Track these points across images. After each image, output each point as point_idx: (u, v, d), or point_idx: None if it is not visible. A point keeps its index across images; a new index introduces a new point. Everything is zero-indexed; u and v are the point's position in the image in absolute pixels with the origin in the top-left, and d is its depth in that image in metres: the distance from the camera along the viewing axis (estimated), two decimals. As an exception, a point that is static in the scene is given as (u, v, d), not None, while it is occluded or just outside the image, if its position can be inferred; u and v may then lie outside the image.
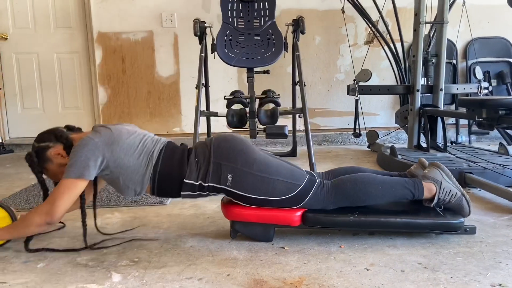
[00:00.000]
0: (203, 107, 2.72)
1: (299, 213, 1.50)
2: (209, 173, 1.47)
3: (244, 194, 1.47)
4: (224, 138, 1.54)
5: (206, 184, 1.48)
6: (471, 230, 1.56)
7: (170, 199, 2.12)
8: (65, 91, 3.91)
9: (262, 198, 1.47)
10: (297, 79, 2.88)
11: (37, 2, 3.78)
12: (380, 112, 3.96)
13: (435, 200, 1.53)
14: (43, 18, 3.81)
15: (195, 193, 1.51)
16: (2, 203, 1.59)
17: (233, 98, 2.60)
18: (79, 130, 1.61)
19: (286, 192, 1.47)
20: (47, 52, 3.84)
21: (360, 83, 3.15)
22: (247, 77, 2.66)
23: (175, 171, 1.48)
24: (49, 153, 1.51)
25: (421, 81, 2.97)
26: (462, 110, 2.56)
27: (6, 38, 3.80)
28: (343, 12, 3.58)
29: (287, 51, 2.89)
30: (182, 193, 1.50)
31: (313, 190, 1.49)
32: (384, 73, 3.87)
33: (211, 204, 2.01)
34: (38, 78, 3.88)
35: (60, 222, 1.73)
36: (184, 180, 1.48)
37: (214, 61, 2.93)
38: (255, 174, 1.46)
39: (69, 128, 1.59)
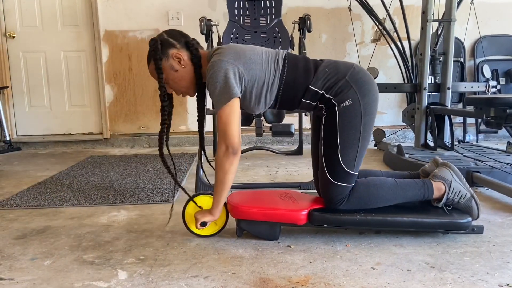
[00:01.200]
0: (209, 105, 2.72)
1: (305, 212, 1.50)
2: (336, 86, 1.46)
3: (337, 126, 1.46)
4: (366, 73, 1.52)
5: (327, 96, 1.47)
6: (479, 230, 1.55)
7: (176, 197, 2.12)
8: (72, 89, 3.93)
9: (335, 145, 1.46)
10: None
11: (44, 1, 3.81)
12: (386, 111, 3.94)
13: (444, 200, 1.52)
14: (50, 17, 3.83)
15: (314, 103, 1.50)
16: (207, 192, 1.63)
17: (239, 96, 2.60)
18: (201, 47, 1.58)
19: (347, 163, 1.47)
20: (54, 50, 3.86)
21: (367, 82, 3.12)
22: (253, 75, 2.65)
23: (300, 77, 1.48)
24: (172, 52, 1.49)
25: (429, 79, 2.94)
26: (470, 108, 2.54)
27: (13, 37, 3.82)
28: (350, 10, 3.56)
29: (293, 49, 2.88)
30: (303, 100, 1.50)
31: (352, 183, 1.49)
32: (391, 71, 3.85)
33: (217, 202, 2.01)
34: (45, 76, 3.90)
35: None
36: (309, 86, 1.48)
37: (220, 59, 2.92)
38: (359, 123, 1.46)
39: (197, 42, 1.57)
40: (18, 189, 2.40)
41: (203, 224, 1.54)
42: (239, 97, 1.44)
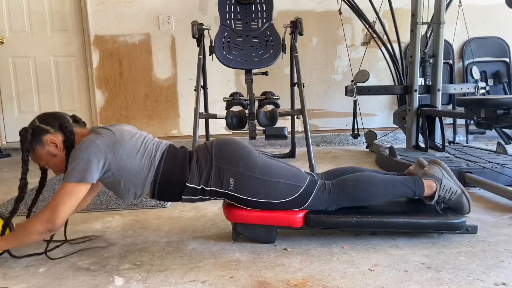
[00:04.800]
0: (201, 109, 2.71)
1: (301, 215, 1.50)
2: (211, 177, 1.46)
3: (246, 197, 1.46)
4: (225, 142, 1.54)
5: (208, 189, 1.47)
6: (473, 230, 1.56)
7: (170, 202, 2.11)
8: (62, 95, 3.89)
9: (264, 201, 1.47)
10: (295, 80, 2.88)
11: (33, 5, 3.77)
12: (378, 113, 3.97)
13: (436, 197, 1.53)
14: (39, 22, 3.79)
15: (196, 198, 1.50)
16: None
17: (232, 100, 2.60)
18: (84, 124, 1.55)
19: (288, 194, 1.47)
20: (44, 55, 3.83)
21: (358, 84, 3.15)
22: (246, 79, 2.65)
23: (177, 175, 1.47)
24: (46, 138, 1.44)
25: (419, 81, 2.98)
26: (461, 110, 2.57)
27: (2, 42, 3.78)
28: (340, 13, 3.59)
29: (285, 53, 2.89)
30: (183, 197, 1.49)
31: (315, 191, 1.49)
32: (381, 73, 3.88)
33: (212, 206, 2.01)
34: (35, 82, 3.86)
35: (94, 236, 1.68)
36: (187, 184, 1.46)
37: (212, 63, 2.93)
38: (257, 177, 1.46)
39: (75, 119, 1.53)
40: (9, 195, 2.37)
41: None
42: (90, 183, 1.38)
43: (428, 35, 3.23)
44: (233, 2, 2.99)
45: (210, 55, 2.84)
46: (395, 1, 3.44)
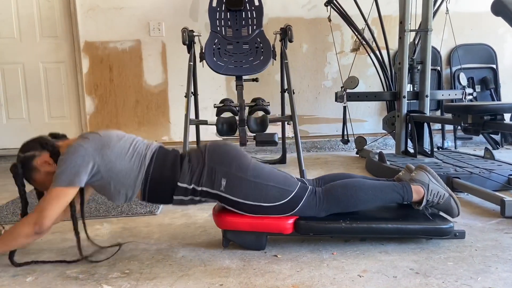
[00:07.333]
0: (192, 116, 2.71)
1: (291, 221, 1.51)
2: (203, 177, 1.46)
3: (237, 199, 1.46)
4: (219, 144, 1.55)
5: (199, 189, 1.46)
6: (461, 235, 1.58)
7: (160, 208, 2.10)
8: (51, 101, 3.86)
9: (255, 204, 1.46)
10: (285, 86, 2.90)
11: (22, 11, 3.75)
12: (367, 119, 4.00)
13: (424, 202, 1.55)
14: (28, 28, 3.77)
15: (187, 198, 1.49)
16: None
17: (223, 106, 2.61)
18: (64, 137, 1.58)
19: (279, 198, 1.47)
20: (33, 62, 3.80)
21: (348, 90, 3.18)
22: (236, 85, 2.66)
23: (168, 175, 1.47)
24: (36, 162, 1.47)
25: (407, 87, 3.01)
26: (448, 115, 2.61)
27: (-10, 48, 3.75)
28: (330, 20, 3.62)
29: (275, 59, 2.91)
30: (174, 197, 1.48)
31: (305, 196, 1.49)
32: (370, 80, 3.91)
33: (202, 213, 2.00)
34: (24, 88, 3.82)
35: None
36: (178, 184, 1.46)
37: (202, 69, 2.93)
38: (249, 180, 1.46)
39: (54, 135, 1.56)
40: (-3, 204, 2.34)
41: None
42: (78, 187, 1.39)
43: (416, 42, 3.28)
44: (223, 9, 3.01)
45: (200, 61, 2.85)
46: (384, 9, 3.49)
